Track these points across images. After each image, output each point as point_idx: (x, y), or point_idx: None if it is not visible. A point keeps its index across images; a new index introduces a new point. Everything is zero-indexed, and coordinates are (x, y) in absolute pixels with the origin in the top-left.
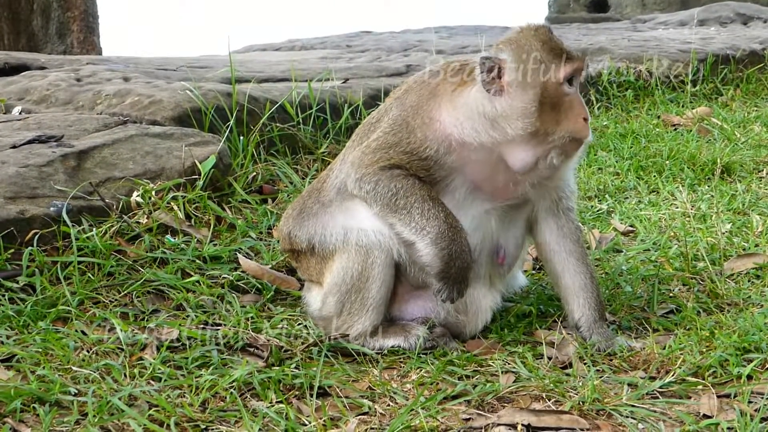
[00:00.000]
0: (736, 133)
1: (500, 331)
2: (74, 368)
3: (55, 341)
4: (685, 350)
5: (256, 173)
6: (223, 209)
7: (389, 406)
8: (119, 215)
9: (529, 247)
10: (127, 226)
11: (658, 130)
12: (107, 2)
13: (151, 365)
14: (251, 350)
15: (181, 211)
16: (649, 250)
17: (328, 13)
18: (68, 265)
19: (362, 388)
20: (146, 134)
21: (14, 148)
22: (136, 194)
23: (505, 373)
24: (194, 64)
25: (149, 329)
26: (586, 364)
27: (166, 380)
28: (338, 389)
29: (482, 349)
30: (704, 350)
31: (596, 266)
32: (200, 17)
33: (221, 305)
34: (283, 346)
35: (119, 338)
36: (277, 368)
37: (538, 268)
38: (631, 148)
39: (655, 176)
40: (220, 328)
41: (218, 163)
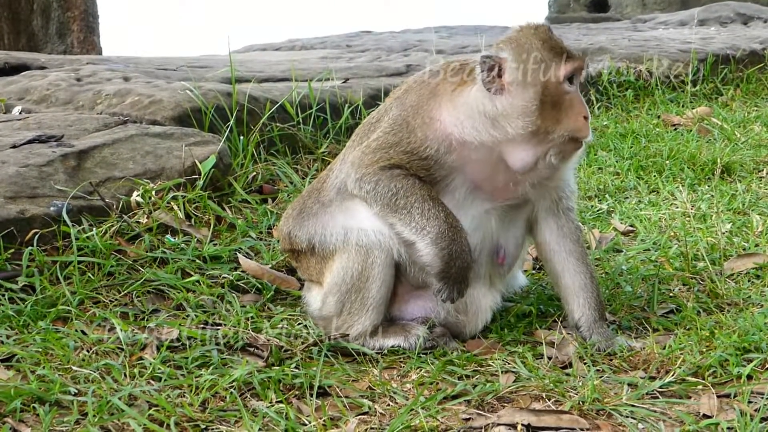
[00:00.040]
0: (736, 133)
1: (500, 331)
2: (74, 368)
3: (55, 341)
4: (685, 350)
5: (256, 173)
6: (223, 209)
7: (389, 405)
8: (119, 215)
9: (529, 247)
10: (127, 225)
11: (658, 130)
12: (107, 2)
13: (151, 365)
14: (251, 350)
15: (181, 210)
16: (649, 249)
17: (328, 13)
18: (68, 264)
19: (362, 387)
20: (146, 134)
21: (14, 147)
22: (136, 194)
23: (505, 373)
24: (194, 64)
25: (149, 329)
26: (586, 364)
27: (166, 380)
28: (338, 389)
29: (482, 349)
30: (704, 350)
31: (596, 266)
32: (200, 17)
33: (221, 305)
34: (283, 345)
35: (119, 338)
36: (277, 368)
37: (538, 268)
38: (631, 147)
39: (655, 176)
40: (220, 327)
41: (218, 162)
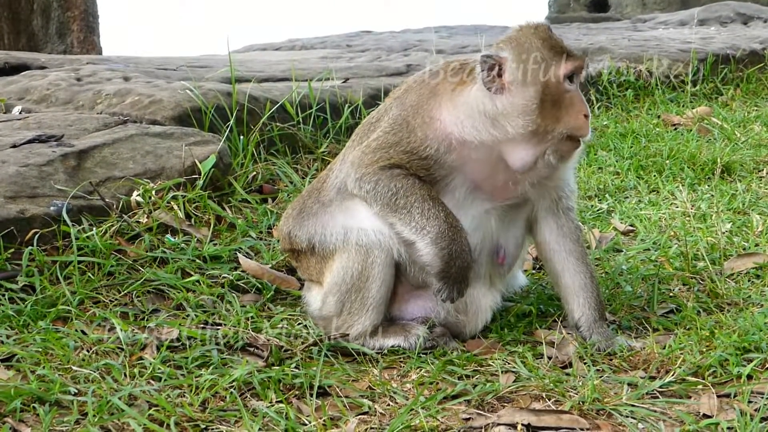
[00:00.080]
0: (736, 132)
1: (500, 330)
2: (74, 368)
3: (55, 341)
4: (685, 350)
5: (256, 173)
6: (223, 209)
7: (389, 405)
8: (119, 215)
9: (529, 246)
10: (127, 225)
11: (658, 129)
12: (107, 2)
13: (151, 365)
14: (251, 350)
15: (181, 210)
16: (649, 249)
17: (328, 13)
18: (68, 264)
19: (362, 387)
20: (146, 134)
21: (14, 147)
22: (136, 194)
23: (505, 372)
24: (194, 63)
25: (149, 329)
26: (586, 363)
27: (166, 380)
28: (338, 389)
29: (482, 348)
30: (704, 350)
31: (596, 266)
32: (200, 17)
33: (221, 305)
34: (283, 345)
35: (119, 338)
36: (277, 368)
37: (538, 267)
38: (631, 147)
39: (655, 176)
40: (220, 327)
41: (218, 162)
